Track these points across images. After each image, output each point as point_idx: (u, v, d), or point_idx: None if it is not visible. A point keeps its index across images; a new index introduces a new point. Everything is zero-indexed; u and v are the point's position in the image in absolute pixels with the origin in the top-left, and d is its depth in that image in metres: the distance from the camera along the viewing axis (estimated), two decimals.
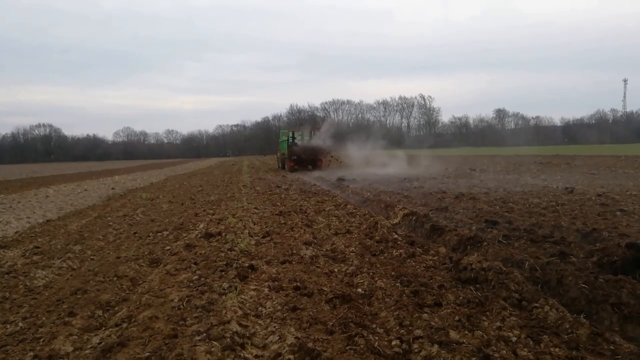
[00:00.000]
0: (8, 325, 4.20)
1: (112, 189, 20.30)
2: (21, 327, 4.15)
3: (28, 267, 6.36)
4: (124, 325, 3.95)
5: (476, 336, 3.61)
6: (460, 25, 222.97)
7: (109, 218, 10.95)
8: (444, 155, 41.31)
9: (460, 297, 4.44)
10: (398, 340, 3.56)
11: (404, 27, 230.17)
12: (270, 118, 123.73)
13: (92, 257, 7.00)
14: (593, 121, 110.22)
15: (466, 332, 3.70)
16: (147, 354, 3.28)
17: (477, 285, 4.79)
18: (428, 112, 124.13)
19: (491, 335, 3.63)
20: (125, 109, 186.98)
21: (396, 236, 7.24)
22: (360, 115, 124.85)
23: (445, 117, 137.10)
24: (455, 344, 3.48)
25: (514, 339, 3.55)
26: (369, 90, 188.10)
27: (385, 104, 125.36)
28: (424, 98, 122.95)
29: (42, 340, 3.82)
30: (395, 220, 9.19)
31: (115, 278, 5.57)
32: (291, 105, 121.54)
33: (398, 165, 26.70)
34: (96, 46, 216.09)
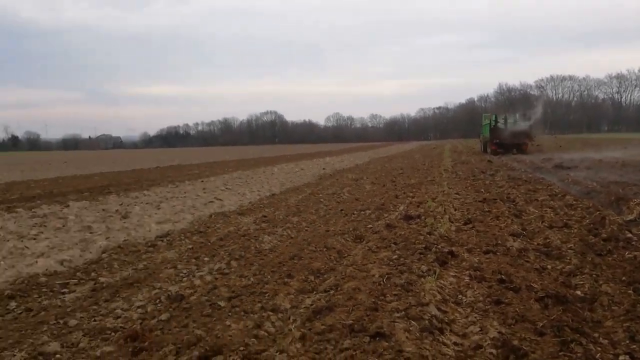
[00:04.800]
0: (242, 279, 5.08)
1: (323, 169, 22.31)
2: (252, 281, 4.98)
3: (258, 232, 7.57)
4: (331, 292, 4.36)
5: None
6: None
7: (320, 195, 12.12)
8: None
9: None
10: (627, 356, 3.02)
11: None
12: (476, 99, 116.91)
13: (306, 229, 7.89)
14: None
15: None
16: (350, 321, 3.54)
17: None
18: None
19: None
20: (334, 96, 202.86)
21: (630, 235, 6.07)
22: (585, 92, 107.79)
23: None
24: None
25: None
26: (596, 63, 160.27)
27: (620, 77, 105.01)
28: None
29: (267, 295, 4.52)
30: (630, 217, 7.69)
31: (324, 249, 6.17)
32: (499, 84, 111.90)
33: (623, 150, 22.25)
34: (303, 40, 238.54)
